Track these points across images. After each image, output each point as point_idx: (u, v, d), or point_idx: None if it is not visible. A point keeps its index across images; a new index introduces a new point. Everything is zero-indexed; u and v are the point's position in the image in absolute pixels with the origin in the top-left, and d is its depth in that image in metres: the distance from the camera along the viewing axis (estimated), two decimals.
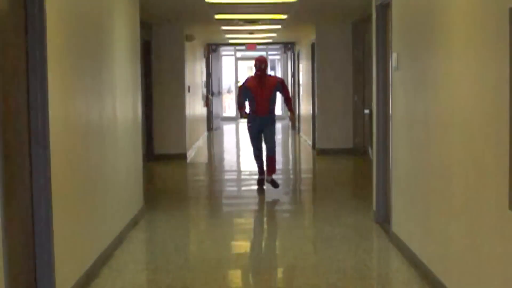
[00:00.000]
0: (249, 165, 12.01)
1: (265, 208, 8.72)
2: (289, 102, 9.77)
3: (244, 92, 9.42)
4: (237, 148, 16.86)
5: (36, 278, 4.52)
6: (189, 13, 12.29)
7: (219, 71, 24.75)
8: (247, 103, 9.53)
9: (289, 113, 9.98)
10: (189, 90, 14.62)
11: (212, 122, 21.84)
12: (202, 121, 19.44)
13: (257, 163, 9.79)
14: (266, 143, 9.60)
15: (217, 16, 12.51)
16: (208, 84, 21.07)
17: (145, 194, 8.43)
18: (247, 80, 9.48)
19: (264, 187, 9.75)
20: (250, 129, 9.67)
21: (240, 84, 10.03)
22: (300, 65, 19.60)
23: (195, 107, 16.45)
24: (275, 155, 9.70)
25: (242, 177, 12.06)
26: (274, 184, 9.57)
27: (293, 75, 22.17)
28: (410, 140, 5.99)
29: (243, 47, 23.40)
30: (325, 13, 12.71)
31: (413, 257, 5.76)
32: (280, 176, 10.12)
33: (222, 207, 9.28)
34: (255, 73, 9.39)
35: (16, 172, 4.21)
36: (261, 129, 9.52)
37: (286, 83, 10.25)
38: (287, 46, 23.25)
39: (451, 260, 4.73)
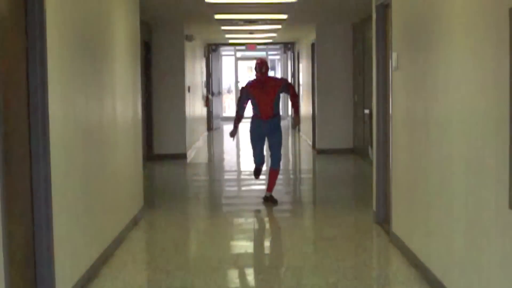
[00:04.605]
0: (249, 165, 12.01)
1: (265, 208, 8.72)
2: (295, 102, 9.17)
3: (244, 96, 8.88)
4: (237, 148, 16.86)
5: (36, 278, 4.52)
6: (189, 13, 12.29)
7: (219, 71, 24.76)
8: (250, 107, 9.00)
9: (294, 115, 9.46)
10: (189, 90, 14.62)
11: (212, 122, 21.85)
12: (202, 121, 19.44)
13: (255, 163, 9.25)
14: (271, 154, 8.96)
15: (217, 16, 12.52)
16: (208, 84, 21.08)
17: (145, 194, 8.43)
18: (248, 84, 8.96)
19: (262, 183, 9.73)
20: (252, 133, 8.96)
21: (241, 86, 9.47)
22: (300, 65, 19.60)
23: (195, 107, 16.46)
24: (279, 168, 9.01)
25: (242, 177, 12.06)
26: (273, 201, 8.93)
27: (293, 75, 22.17)
28: (410, 140, 5.99)
29: (243, 47, 23.41)
30: (325, 13, 12.72)
31: (413, 257, 5.76)
32: (280, 176, 10.11)
33: (222, 207, 9.28)
34: (256, 76, 8.90)
35: (16, 172, 4.21)
36: (264, 134, 8.92)
37: (290, 82, 9.71)
38: (287, 46, 23.25)
39: (451, 260, 4.73)
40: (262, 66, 8.81)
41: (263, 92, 8.75)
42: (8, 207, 3.92)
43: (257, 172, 9.31)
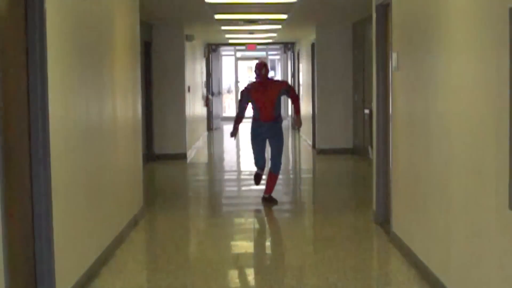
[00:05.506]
0: (249, 165, 12.01)
1: (265, 208, 8.71)
2: (296, 105, 9.05)
3: (245, 99, 8.82)
4: (237, 148, 16.86)
5: (36, 278, 4.52)
6: (189, 13, 12.29)
7: (219, 71, 24.75)
8: (250, 109, 8.93)
9: (295, 117, 9.20)
10: (189, 90, 14.62)
11: (212, 122, 21.84)
12: (202, 121, 19.44)
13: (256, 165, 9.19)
14: (271, 158, 8.90)
15: (217, 16, 12.51)
16: (208, 84, 21.08)
17: (145, 194, 8.43)
18: (247, 87, 8.91)
19: (262, 185, 9.63)
20: (252, 136, 8.89)
21: (241, 89, 9.13)
22: (300, 65, 19.60)
23: (195, 107, 16.46)
24: (278, 173, 8.93)
25: (242, 177, 12.05)
26: (272, 201, 8.91)
27: (293, 75, 22.17)
28: (410, 140, 5.99)
29: (243, 47, 23.40)
30: (325, 13, 12.72)
31: (413, 257, 5.76)
32: (280, 176, 10.10)
33: (222, 207, 9.28)
34: (256, 78, 8.80)
35: (16, 172, 4.21)
36: (265, 137, 8.84)
37: (291, 85, 9.51)
38: (287, 46, 23.25)
39: (451, 260, 4.74)
40: (262, 68, 8.72)
41: (264, 95, 8.68)
42: (8, 207, 3.92)
43: (257, 178, 9.20)
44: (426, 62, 5.42)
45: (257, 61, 9.11)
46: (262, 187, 9.62)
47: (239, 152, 16.28)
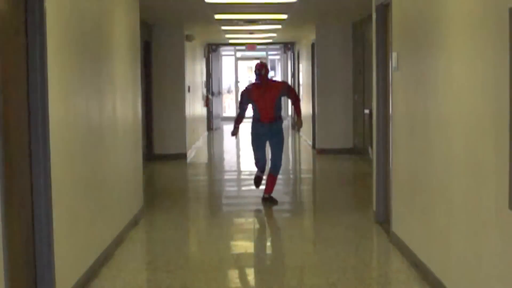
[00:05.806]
0: (249, 165, 12.01)
1: (265, 208, 8.71)
2: (297, 106, 9.05)
3: (245, 100, 8.83)
4: (237, 148, 16.86)
5: (36, 278, 4.52)
6: (189, 13, 12.29)
7: (219, 71, 24.75)
8: (250, 110, 8.92)
9: (296, 118, 9.17)
10: (189, 90, 14.62)
11: (212, 122, 21.85)
12: (202, 121, 19.44)
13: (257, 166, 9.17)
14: (271, 159, 8.92)
15: (217, 16, 12.51)
16: (208, 84, 21.08)
17: (145, 194, 8.43)
18: (247, 88, 8.91)
19: (262, 186, 9.58)
20: (252, 136, 8.92)
21: (241, 90, 9.14)
22: (300, 65, 19.60)
23: (195, 107, 16.46)
24: (277, 174, 8.95)
25: (242, 177, 12.05)
26: (272, 201, 8.90)
27: (293, 75, 22.17)
28: (410, 140, 5.99)
29: (243, 47, 23.40)
30: (325, 13, 12.72)
31: (413, 257, 5.76)
32: (280, 176, 10.10)
33: (222, 207, 9.28)
34: (256, 79, 8.78)
35: (16, 172, 4.21)
36: (265, 138, 8.85)
37: (291, 85, 9.47)
38: (287, 46, 23.25)
39: (451, 260, 4.74)
40: (262, 69, 8.71)
41: (263, 96, 8.67)
42: (8, 207, 3.92)
43: (257, 181, 9.17)
44: (426, 62, 5.42)
45: (257, 62, 9.11)
46: (262, 187, 9.62)
47: (239, 152, 16.28)
